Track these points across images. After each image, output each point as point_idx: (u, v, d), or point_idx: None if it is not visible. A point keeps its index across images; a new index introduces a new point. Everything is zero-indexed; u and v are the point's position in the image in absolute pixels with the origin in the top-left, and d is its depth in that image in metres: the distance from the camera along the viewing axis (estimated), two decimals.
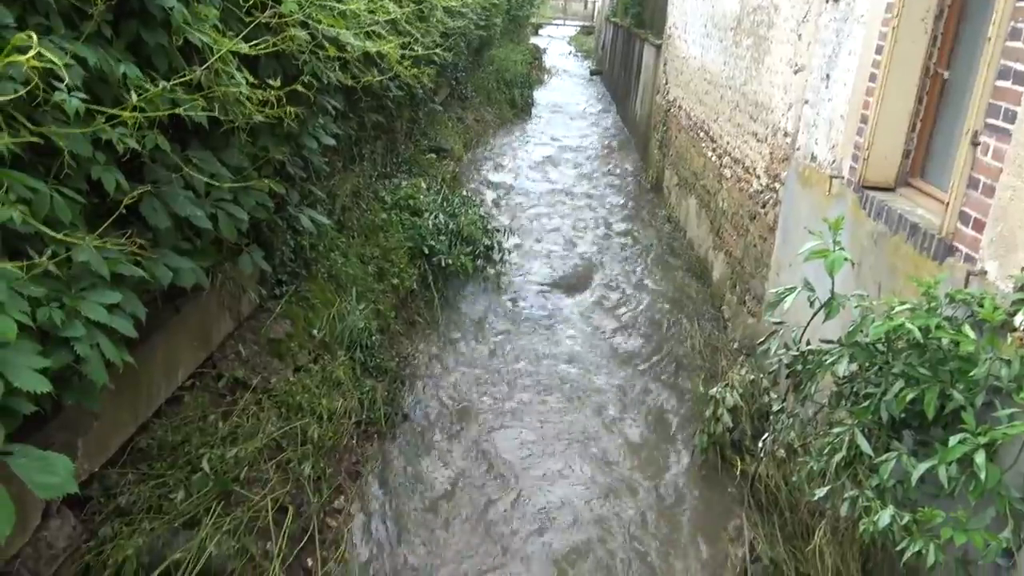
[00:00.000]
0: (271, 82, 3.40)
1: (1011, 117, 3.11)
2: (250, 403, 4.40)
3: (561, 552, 4.47)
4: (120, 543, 3.36)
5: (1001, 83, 3.20)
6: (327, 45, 4.10)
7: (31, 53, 2.02)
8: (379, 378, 5.66)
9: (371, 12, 4.75)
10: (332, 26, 4.18)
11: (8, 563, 2.95)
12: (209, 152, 3.39)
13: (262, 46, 3.31)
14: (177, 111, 2.89)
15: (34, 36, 2.05)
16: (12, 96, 2.14)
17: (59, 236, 2.36)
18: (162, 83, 2.77)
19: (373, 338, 5.79)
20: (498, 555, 4.42)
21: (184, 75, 2.93)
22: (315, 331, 5.29)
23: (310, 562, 4.03)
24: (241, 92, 3.23)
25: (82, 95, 2.37)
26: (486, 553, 4.43)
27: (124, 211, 2.69)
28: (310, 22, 3.98)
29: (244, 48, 3.19)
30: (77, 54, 2.44)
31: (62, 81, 2.28)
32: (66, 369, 2.48)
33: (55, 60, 2.13)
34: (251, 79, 3.32)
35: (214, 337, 4.50)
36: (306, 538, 4.09)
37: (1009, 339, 2.84)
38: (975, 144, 3.34)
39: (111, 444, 3.59)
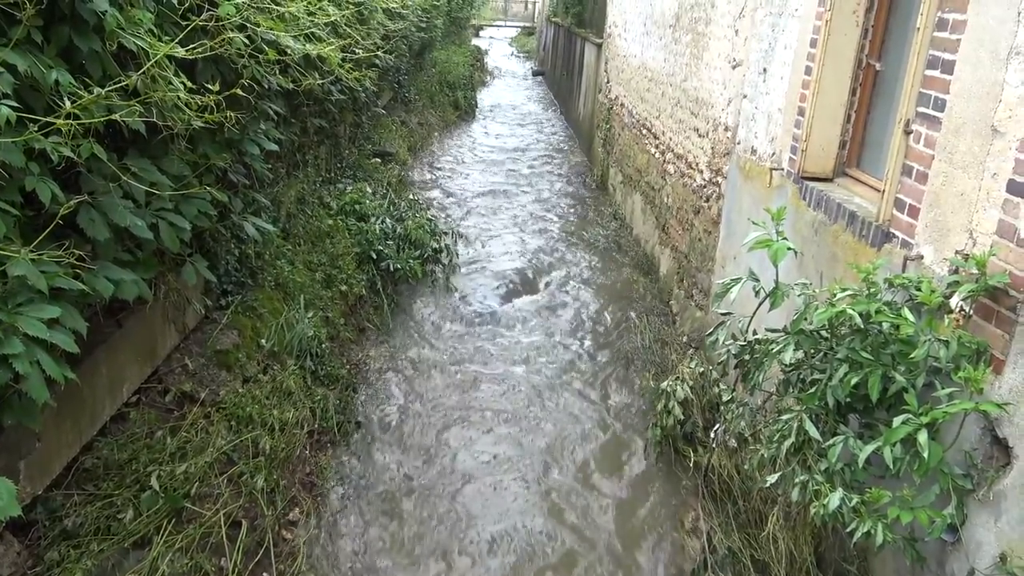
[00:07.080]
0: (210, 86, 3.33)
1: (940, 105, 3.22)
2: (199, 417, 4.30)
3: (522, 554, 4.48)
4: (68, 567, 3.26)
5: (930, 72, 3.30)
6: (266, 48, 4.04)
7: None
8: (330, 386, 5.59)
9: (310, 15, 4.70)
10: (271, 29, 4.12)
11: None
12: (147, 160, 3.30)
13: (199, 50, 3.24)
14: (113, 118, 2.81)
15: None
16: None
17: None
18: (97, 90, 2.69)
19: (323, 346, 5.72)
20: (455, 551, 4.42)
21: (119, 81, 2.85)
22: (263, 341, 5.20)
23: None
24: (179, 97, 3.16)
25: (12, 103, 2.29)
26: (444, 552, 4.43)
27: (61, 223, 2.61)
28: (248, 25, 3.91)
29: (181, 52, 3.12)
30: (6, 61, 2.36)
31: None
32: (5, 388, 2.39)
33: None
34: (189, 84, 3.25)
35: (159, 351, 4.39)
36: (261, 552, 4.02)
37: (946, 320, 2.93)
38: (907, 132, 3.44)
39: (55, 465, 3.47)
